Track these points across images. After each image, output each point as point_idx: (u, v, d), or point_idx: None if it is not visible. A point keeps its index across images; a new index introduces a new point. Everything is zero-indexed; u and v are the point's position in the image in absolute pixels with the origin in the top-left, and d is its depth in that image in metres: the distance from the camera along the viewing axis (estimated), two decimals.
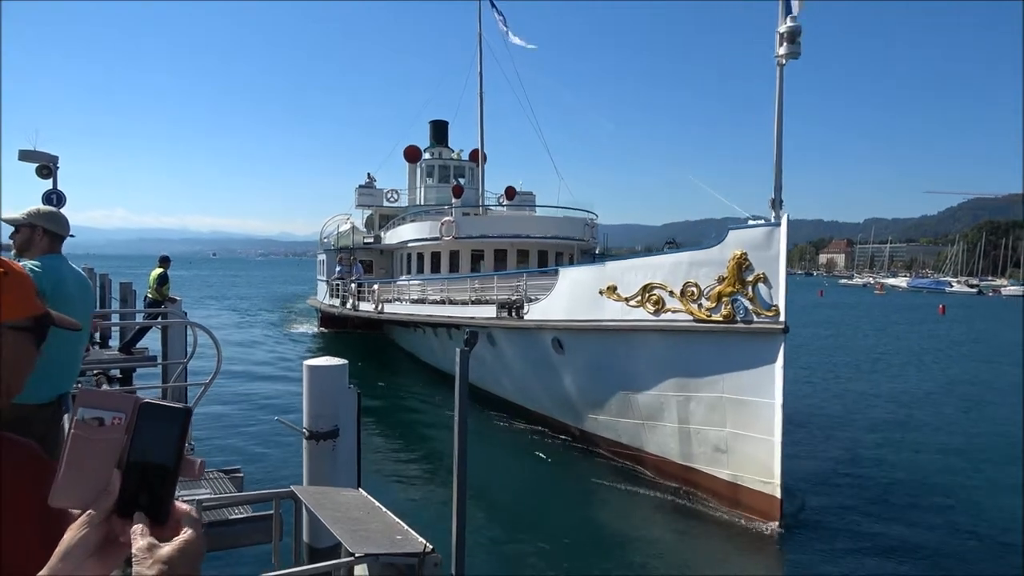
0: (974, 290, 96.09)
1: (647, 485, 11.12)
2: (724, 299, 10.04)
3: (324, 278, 32.14)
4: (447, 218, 23.67)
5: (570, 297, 12.58)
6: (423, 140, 32.85)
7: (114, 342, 15.47)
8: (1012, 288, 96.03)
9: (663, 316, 10.71)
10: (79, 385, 10.75)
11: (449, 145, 32.59)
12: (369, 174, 32.90)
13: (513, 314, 14.42)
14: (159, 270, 12.62)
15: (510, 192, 31.72)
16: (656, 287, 10.88)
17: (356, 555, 3.12)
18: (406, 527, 3.55)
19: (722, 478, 10.26)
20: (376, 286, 23.73)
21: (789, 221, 9.67)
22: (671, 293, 10.58)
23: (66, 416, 3.59)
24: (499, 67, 38.43)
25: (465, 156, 31.75)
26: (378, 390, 18.45)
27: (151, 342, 13.51)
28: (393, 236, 27.90)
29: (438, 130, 34.04)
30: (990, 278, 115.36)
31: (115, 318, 14.83)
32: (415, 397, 18.15)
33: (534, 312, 13.71)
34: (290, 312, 44.35)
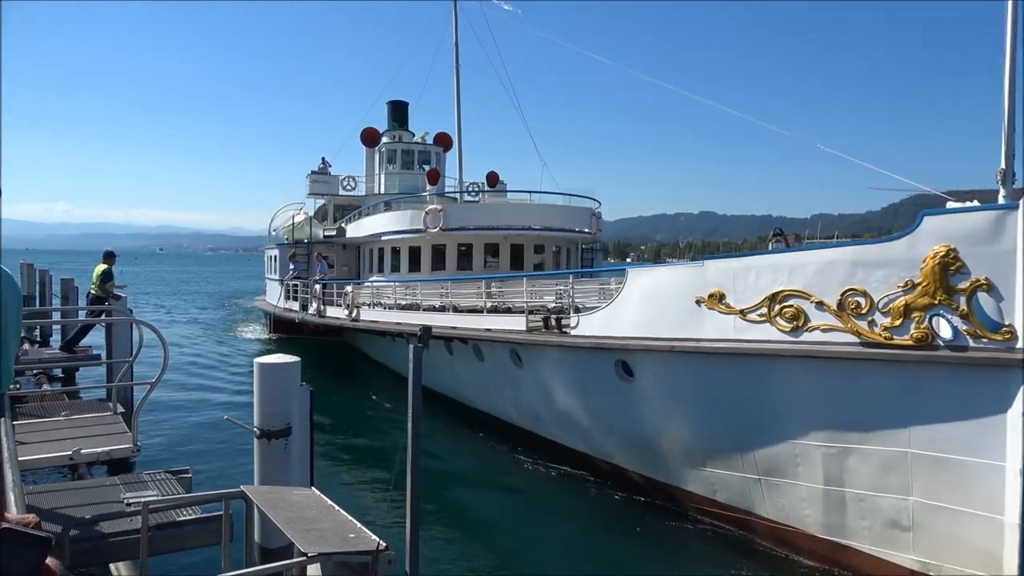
0: None
1: (765, 561, 8.95)
2: (916, 315, 7.65)
3: (276, 277, 29.92)
4: (432, 206, 21.72)
5: (646, 306, 10.24)
6: (382, 126, 31.13)
7: (56, 340, 14.90)
8: None
9: (805, 336, 8.45)
10: (16, 386, 10.40)
11: (410, 129, 30.69)
12: (324, 158, 30.53)
13: (553, 327, 12.19)
14: (103, 266, 12.41)
15: (492, 178, 29.04)
16: (793, 296, 8.54)
17: (309, 555, 3.20)
18: (359, 525, 3.63)
19: (902, 564, 8.28)
20: (349, 288, 21.25)
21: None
22: (820, 305, 8.31)
23: (1, 420, 3.48)
24: (475, 37, 36.30)
25: (430, 140, 29.63)
26: (345, 411, 17.56)
27: (95, 340, 13.04)
28: (360, 228, 25.65)
29: (398, 112, 31.40)
30: None
31: (56, 316, 14.26)
32: (393, 420, 16.17)
33: (586, 325, 11.35)
34: (238, 312, 44.92)
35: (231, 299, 56.61)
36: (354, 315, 20.01)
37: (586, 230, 23.28)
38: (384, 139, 30.44)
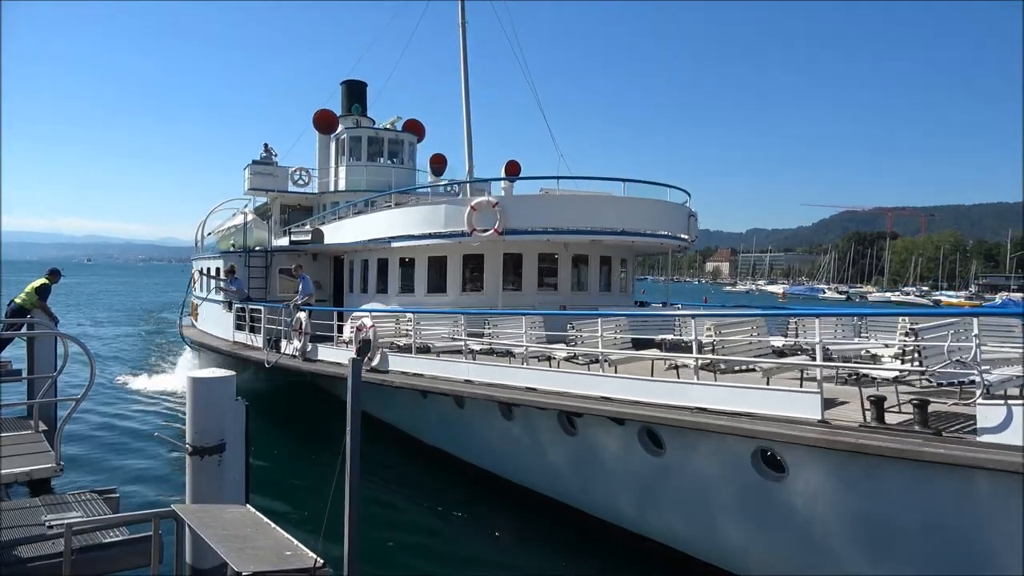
0: (843, 296, 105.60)
1: None
2: None
3: (219, 298, 21.53)
4: (482, 199, 15.81)
5: None
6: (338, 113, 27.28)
7: None
8: (878, 294, 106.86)
9: None
10: None
11: (369, 116, 26.52)
12: (266, 145, 25.37)
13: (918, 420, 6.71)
14: (44, 280, 11.83)
15: (512, 168, 23.77)
16: None
17: (243, 574, 3.07)
18: (296, 543, 3.58)
19: None
20: (368, 320, 13.81)
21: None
22: None
23: None
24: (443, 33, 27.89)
25: (400, 127, 25.27)
26: (299, 443, 15.44)
27: (15, 354, 12.54)
28: (344, 231, 19.16)
29: (354, 93, 26.69)
30: (858, 285, 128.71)
31: None
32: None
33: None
34: (160, 332, 40.18)
35: (151, 313, 52.75)
36: (376, 362, 13.04)
37: (684, 236, 17.29)
38: (342, 125, 24.94)
